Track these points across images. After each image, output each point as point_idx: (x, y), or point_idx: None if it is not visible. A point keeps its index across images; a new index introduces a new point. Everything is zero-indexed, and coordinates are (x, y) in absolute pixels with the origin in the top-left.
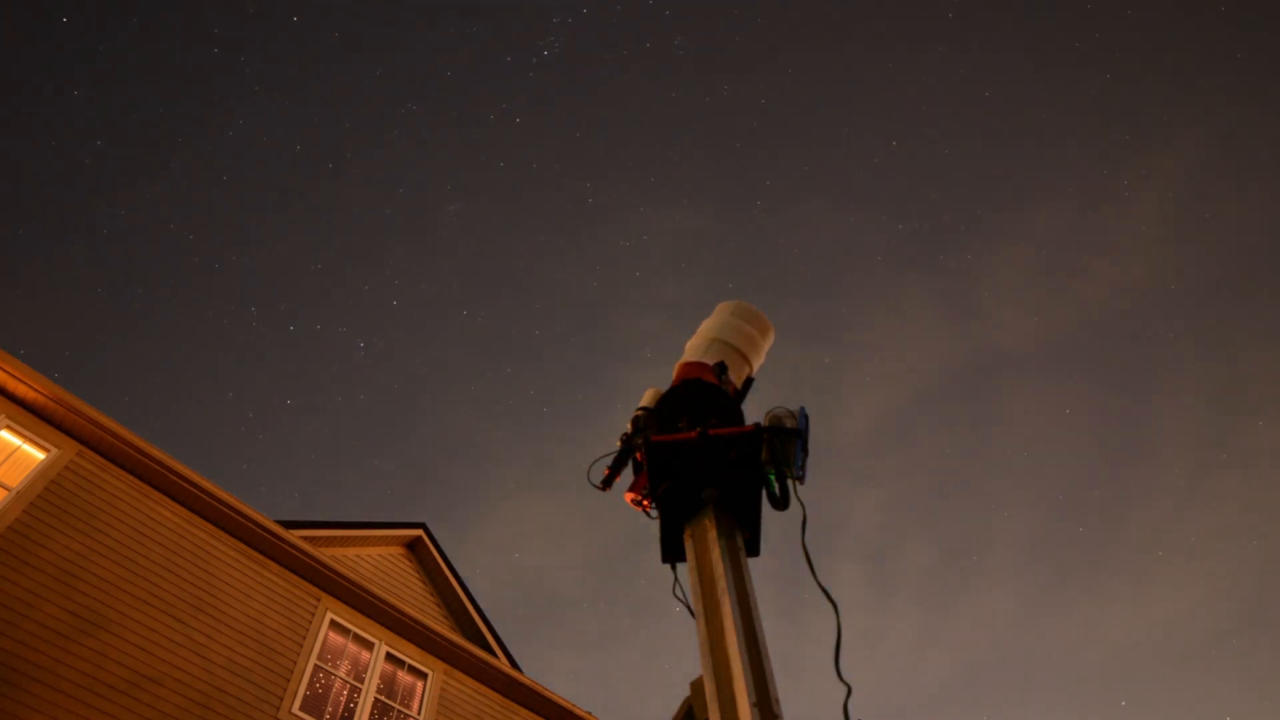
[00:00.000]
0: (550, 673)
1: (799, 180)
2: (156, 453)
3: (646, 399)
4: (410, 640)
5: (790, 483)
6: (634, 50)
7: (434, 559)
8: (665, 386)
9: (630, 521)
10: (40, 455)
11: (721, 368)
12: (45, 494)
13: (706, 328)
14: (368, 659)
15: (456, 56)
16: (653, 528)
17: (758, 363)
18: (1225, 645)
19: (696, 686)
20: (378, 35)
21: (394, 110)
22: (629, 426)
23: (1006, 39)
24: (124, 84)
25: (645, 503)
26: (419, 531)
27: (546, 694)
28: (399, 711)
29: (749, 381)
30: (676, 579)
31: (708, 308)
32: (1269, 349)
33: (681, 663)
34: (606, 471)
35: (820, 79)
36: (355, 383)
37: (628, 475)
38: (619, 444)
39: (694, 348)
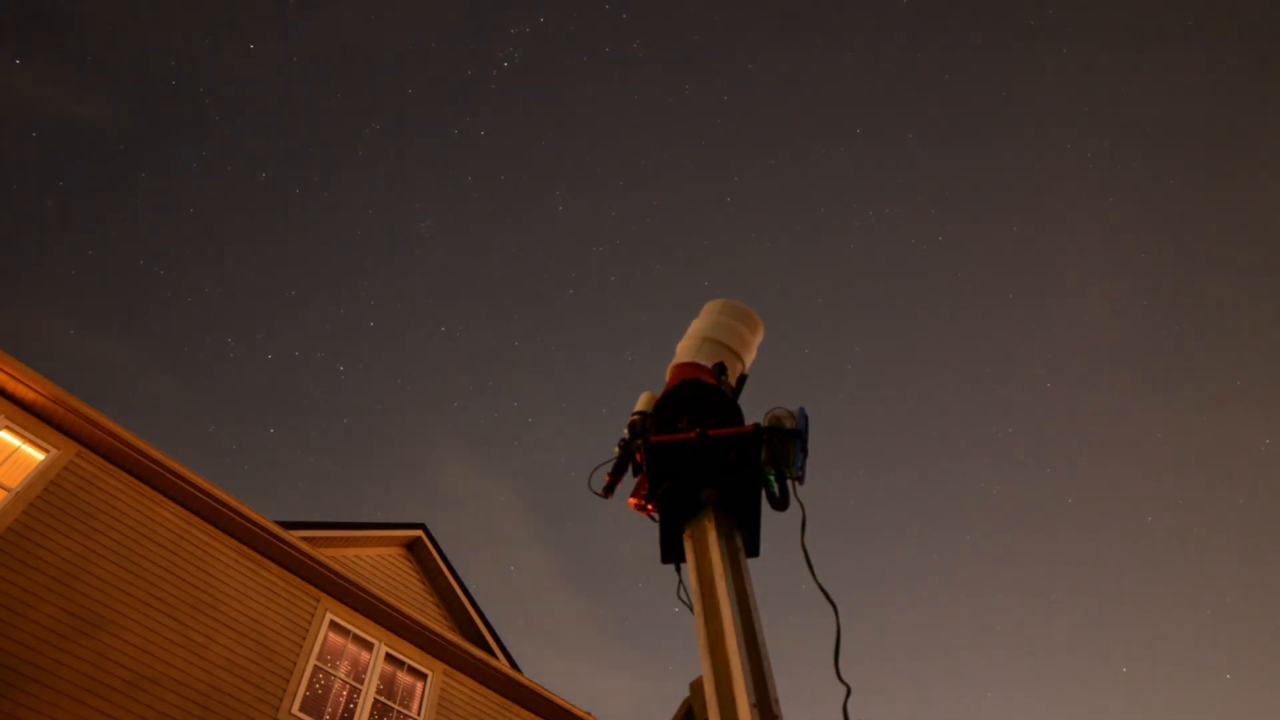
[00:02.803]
0: (550, 673)
1: (769, 175)
2: (156, 453)
3: (642, 403)
4: (410, 641)
5: (790, 483)
6: (594, 55)
7: (434, 559)
8: (657, 390)
9: (628, 523)
10: (40, 456)
11: (720, 368)
12: (45, 494)
13: (697, 328)
14: (367, 659)
15: (416, 73)
16: (652, 529)
17: (750, 359)
18: None
19: (696, 687)
20: (336, 57)
21: (358, 131)
22: (626, 432)
23: (965, 24)
24: (83, 121)
25: (649, 507)
26: (418, 532)
27: (546, 694)
28: (398, 712)
29: (742, 379)
30: (681, 581)
31: (685, 307)
32: None
33: (682, 663)
34: (608, 478)
35: (781, 73)
36: (338, 405)
37: (629, 481)
38: (617, 450)
39: (686, 349)
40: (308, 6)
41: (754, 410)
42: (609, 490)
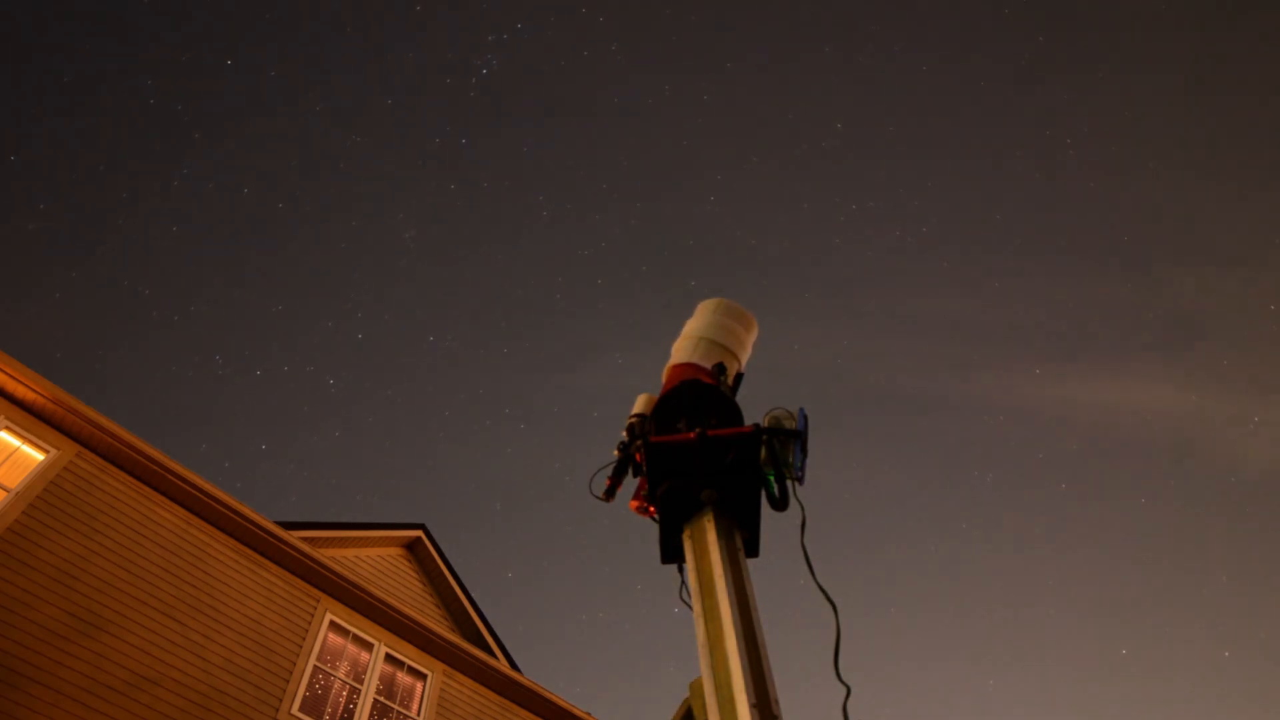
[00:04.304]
0: (549, 673)
1: (752, 172)
2: (155, 453)
3: (639, 405)
4: (409, 641)
5: (790, 484)
6: (572, 59)
7: (433, 560)
8: (650, 391)
9: (627, 523)
10: (39, 456)
11: (720, 369)
12: (44, 495)
13: (692, 328)
14: (367, 660)
15: (395, 84)
16: (651, 529)
17: (745, 357)
18: None
19: (696, 687)
20: (314, 71)
21: (339, 144)
22: (624, 435)
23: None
24: (61, 145)
25: (651, 509)
26: (418, 532)
27: (545, 694)
28: (398, 712)
29: (739, 378)
30: (683, 581)
31: (673, 307)
32: None
33: (682, 663)
34: (609, 482)
35: (761, 70)
36: (329, 418)
37: (629, 485)
38: (616, 453)
39: (682, 349)
40: (283, 21)
41: (750, 410)
42: (610, 494)
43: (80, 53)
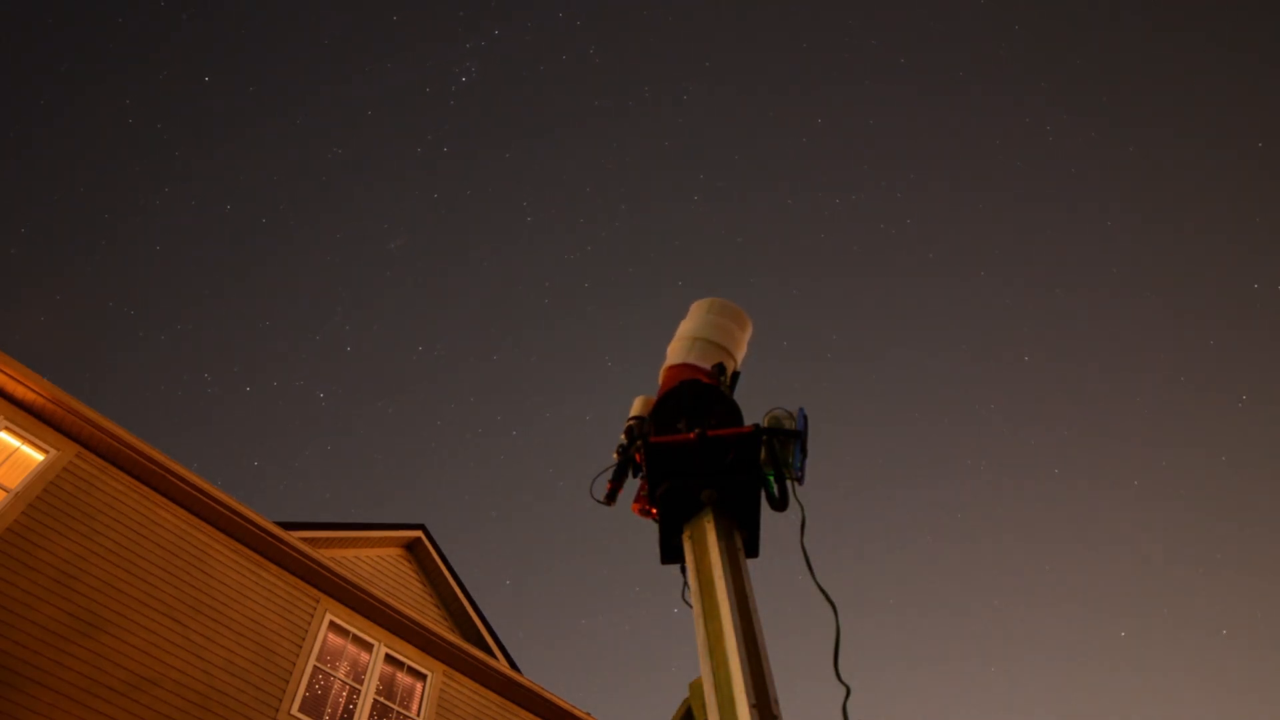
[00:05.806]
0: (549, 673)
1: (734, 170)
2: (155, 454)
3: (636, 408)
4: (409, 641)
5: (789, 484)
6: (551, 64)
7: (433, 560)
8: (642, 394)
9: (625, 525)
10: (39, 456)
11: (720, 369)
12: (44, 495)
13: (687, 328)
14: (367, 660)
15: (375, 95)
16: (651, 530)
17: (741, 357)
18: None
19: (695, 688)
20: (292, 85)
21: (321, 156)
22: (623, 437)
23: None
24: (41, 166)
25: (653, 510)
26: (418, 533)
27: (545, 695)
28: (398, 713)
29: (736, 376)
30: (686, 584)
31: (661, 308)
32: None
33: (682, 663)
34: (609, 485)
35: (740, 67)
36: (321, 432)
37: (630, 488)
38: (615, 456)
39: (677, 350)
40: (261, 36)
41: (747, 410)
42: (611, 498)
43: (58, 72)
